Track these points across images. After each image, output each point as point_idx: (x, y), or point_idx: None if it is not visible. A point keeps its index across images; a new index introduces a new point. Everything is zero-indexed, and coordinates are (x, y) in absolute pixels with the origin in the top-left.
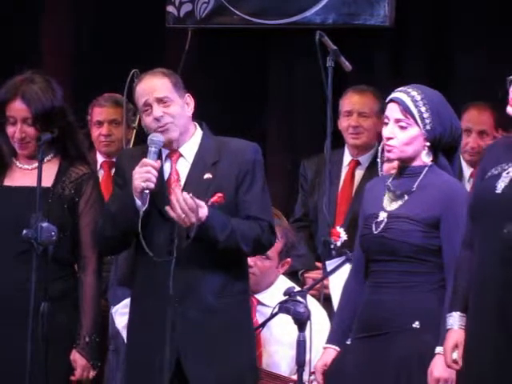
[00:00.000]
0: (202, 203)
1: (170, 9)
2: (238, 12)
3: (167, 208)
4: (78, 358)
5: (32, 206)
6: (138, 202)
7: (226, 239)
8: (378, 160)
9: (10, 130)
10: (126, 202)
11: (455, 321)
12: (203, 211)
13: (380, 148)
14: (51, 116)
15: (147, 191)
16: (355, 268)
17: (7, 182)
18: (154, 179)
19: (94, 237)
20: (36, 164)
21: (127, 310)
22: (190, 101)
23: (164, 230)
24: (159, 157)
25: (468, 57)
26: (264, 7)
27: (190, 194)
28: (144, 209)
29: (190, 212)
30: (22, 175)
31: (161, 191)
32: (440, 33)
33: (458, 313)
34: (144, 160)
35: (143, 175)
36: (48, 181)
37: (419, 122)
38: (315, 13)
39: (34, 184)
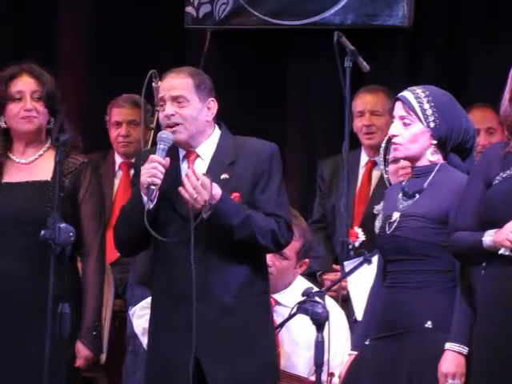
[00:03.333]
0: (215, 184)
1: (189, 9)
2: (256, 13)
3: (180, 188)
4: (81, 349)
5: (34, 201)
6: (145, 199)
7: (240, 225)
8: (381, 160)
9: (14, 108)
10: (136, 200)
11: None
12: (217, 189)
13: (382, 150)
14: (55, 98)
15: (153, 187)
16: (378, 271)
17: (7, 179)
18: (161, 175)
19: (97, 224)
20: (33, 157)
21: (144, 313)
22: (212, 105)
23: (181, 229)
24: (168, 154)
25: (486, 57)
26: (282, 8)
27: (204, 172)
28: (151, 206)
29: (203, 189)
30: (19, 170)
31: (179, 192)
32: (458, 33)
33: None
34: (151, 156)
35: (149, 171)
36: (46, 174)
37: (422, 118)
38: (334, 13)
39: (33, 179)
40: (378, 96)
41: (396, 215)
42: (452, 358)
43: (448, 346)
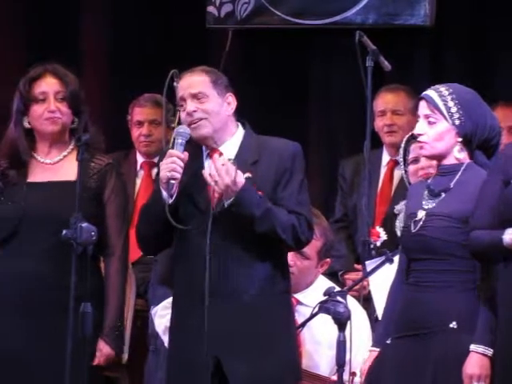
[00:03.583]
0: (239, 172)
1: (211, 9)
2: (278, 12)
3: (203, 172)
4: (103, 347)
5: (60, 201)
6: (165, 194)
7: (262, 216)
8: (401, 161)
9: (38, 109)
10: (155, 196)
11: None
12: (240, 177)
13: (401, 150)
14: (79, 99)
15: (173, 181)
16: (399, 269)
17: (31, 179)
18: (180, 170)
19: (121, 225)
20: (58, 157)
21: (166, 312)
22: (231, 100)
23: (201, 224)
24: (187, 149)
25: (509, 56)
26: (304, 7)
27: (231, 159)
28: (171, 201)
29: (225, 174)
30: (44, 170)
31: (201, 189)
32: (480, 32)
33: None
34: (170, 151)
35: (168, 165)
36: (71, 174)
37: (447, 116)
38: (355, 13)
39: (58, 179)
40: (399, 95)
41: (421, 214)
42: (477, 360)
43: (473, 347)
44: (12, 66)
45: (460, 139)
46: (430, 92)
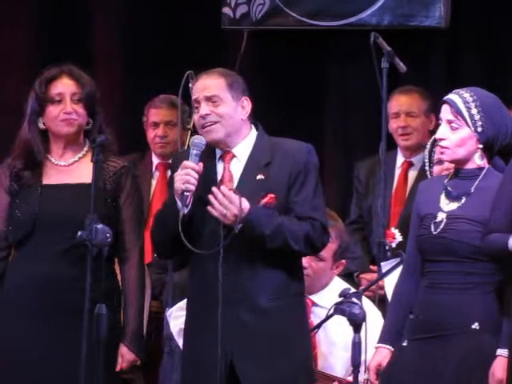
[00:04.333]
0: (243, 198)
1: (226, 10)
2: (293, 13)
3: (208, 208)
4: (125, 353)
5: (76, 204)
6: (179, 204)
7: (273, 233)
8: (426, 161)
9: (53, 110)
10: (169, 204)
11: None
12: (244, 203)
13: (427, 152)
14: (94, 100)
15: (187, 193)
16: (407, 268)
17: (46, 181)
18: (194, 181)
19: (137, 228)
20: (72, 159)
21: (181, 314)
22: (246, 104)
23: (215, 232)
24: (202, 158)
25: None
26: (319, 9)
27: (229, 188)
28: (186, 211)
29: (230, 204)
30: (58, 172)
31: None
32: (495, 34)
33: None
34: (184, 162)
35: (183, 177)
36: (86, 176)
37: (470, 123)
38: (370, 14)
39: (73, 181)
40: (412, 97)
41: (442, 216)
42: (505, 365)
43: (499, 351)
44: (24, 67)
45: (481, 146)
46: (454, 97)
